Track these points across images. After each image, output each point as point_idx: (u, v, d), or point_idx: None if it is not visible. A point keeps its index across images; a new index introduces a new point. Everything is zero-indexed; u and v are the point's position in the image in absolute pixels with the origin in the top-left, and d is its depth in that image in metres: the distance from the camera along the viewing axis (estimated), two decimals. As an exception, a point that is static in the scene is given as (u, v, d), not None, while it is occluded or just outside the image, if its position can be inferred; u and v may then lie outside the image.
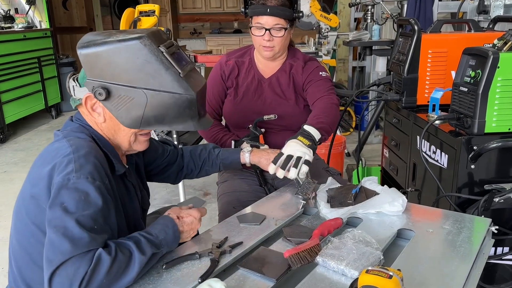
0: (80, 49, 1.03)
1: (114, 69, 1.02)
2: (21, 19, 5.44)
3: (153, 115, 1.05)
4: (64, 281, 0.89)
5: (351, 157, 3.91)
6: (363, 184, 1.44)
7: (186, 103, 1.05)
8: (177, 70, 1.04)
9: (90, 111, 1.09)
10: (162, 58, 1.03)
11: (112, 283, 0.93)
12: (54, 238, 0.92)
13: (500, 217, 1.63)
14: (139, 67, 1.01)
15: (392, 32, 4.38)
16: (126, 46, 1.01)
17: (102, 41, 1.02)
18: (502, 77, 1.55)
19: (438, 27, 2.11)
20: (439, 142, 1.81)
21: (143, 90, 1.02)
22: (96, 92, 1.03)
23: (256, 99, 1.78)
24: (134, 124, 1.07)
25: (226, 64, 1.81)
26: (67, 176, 0.97)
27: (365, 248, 1.04)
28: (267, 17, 1.63)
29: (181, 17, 9.13)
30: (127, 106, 1.04)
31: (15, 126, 5.17)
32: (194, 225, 1.16)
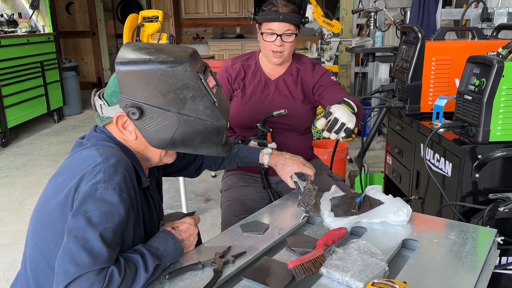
0: (119, 66, 1.02)
1: (151, 90, 1.01)
2: (25, 23, 5.47)
3: (181, 139, 1.06)
4: None
5: (354, 163, 3.90)
6: (367, 193, 1.43)
7: (215, 131, 1.07)
8: (213, 99, 1.05)
9: (121, 129, 1.09)
10: (200, 85, 1.03)
11: None
12: (73, 249, 0.91)
13: (504, 226, 1.62)
14: (177, 92, 1.02)
15: (395, 39, 4.38)
16: (168, 69, 1.01)
17: (143, 60, 1.01)
18: (506, 86, 1.55)
19: (441, 35, 2.11)
20: (443, 150, 1.80)
21: (177, 114, 1.03)
22: (129, 112, 1.02)
23: (264, 99, 1.81)
24: (161, 146, 1.08)
25: (232, 67, 1.83)
26: (95, 185, 0.96)
27: (370, 259, 1.02)
28: (279, 23, 1.67)
29: (184, 22, 9.16)
30: (157, 128, 1.04)
31: (17, 130, 5.17)
32: (191, 230, 1.15)
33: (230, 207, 1.69)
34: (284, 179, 1.50)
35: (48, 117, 5.78)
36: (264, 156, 1.52)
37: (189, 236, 1.14)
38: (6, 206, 3.18)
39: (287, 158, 1.51)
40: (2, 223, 2.92)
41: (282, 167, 1.49)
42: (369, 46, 3.83)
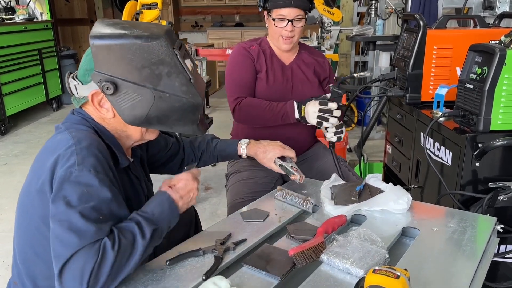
0: (93, 39, 1.00)
1: (126, 65, 1.00)
2: (22, 10, 5.41)
3: (156, 116, 1.05)
4: (75, 274, 0.89)
5: (353, 153, 3.90)
6: (367, 181, 1.43)
7: (191, 108, 1.06)
8: (188, 75, 1.04)
9: (97, 107, 1.07)
10: (176, 61, 1.02)
11: (119, 269, 0.92)
12: (60, 233, 0.91)
13: (503, 215, 1.62)
14: (152, 67, 1.00)
15: (396, 27, 4.34)
16: (143, 44, 1.00)
17: (118, 34, 1.00)
18: (508, 75, 1.54)
19: (443, 23, 2.09)
20: (443, 139, 1.80)
21: (152, 90, 1.02)
22: (104, 86, 1.01)
23: (286, 84, 1.84)
24: (135, 122, 1.06)
25: (251, 49, 1.84)
26: (69, 169, 0.95)
27: (370, 247, 1.03)
28: (290, 9, 1.71)
29: (183, 10, 9.08)
30: (132, 104, 1.03)
31: (16, 119, 5.15)
32: (190, 186, 1.12)
33: (236, 190, 1.70)
34: (268, 166, 1.52)
35: (46, 105, 5.76)
36: (241, 147, 1.53)
37: (188, 192, 1.11)
38: (5, 194, 3.19)
39: (266, 145, 1.52)
40: (1, 211, 2.93)
41: (263, 155, 1.50)
42: (369, 35, 3.80)
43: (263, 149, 1.51)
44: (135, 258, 0.95)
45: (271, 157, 1.50)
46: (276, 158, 1.50)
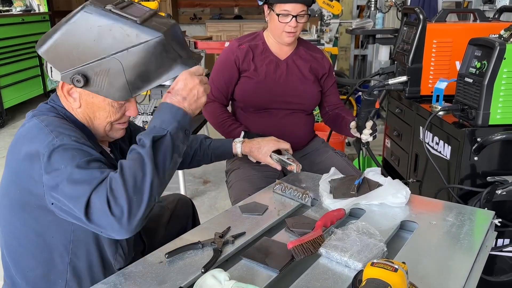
0: (38, 49, 1.01)
1: (77, 51, 0.98)
2: (19, 2, 5.37)
3: (136, 76, 1.00)
4: (98, 214, 0.90)
5: (352, 147, 3.90)
6: (366, 175, 1.43)
7: (159, 47, 0.99)
8: (132, 19, 0.98)
9: (66, 95, 1.06)
10: (113, 16, 0.97)
11: (136, 183, 0.92)
12: (68, 191, 0.92)
13: (501, 208, 1.63)
14: (97, 36, 0.97)
15: (396, 21, 4.33)
16: (74, 23, 0.98)
17: (53, 30, 1.00)
18: (508, 69, 1.54)
19: (443, 17, 2.08)
20: (442, 134, 1.80)
21: (112, 56, 0.97)
22: (74, 80, 0.99)
23: (278, 79, 1.82)
24: (125, 94, 1.02)
25: (239, 48, 1.82)
26: (50, 143, 0.96)
27: (368, 240, 1.03)
28: (294, 4, 1.69)
29: (181, 2, 9.01)
30: (109, 80, 0.99)
31: (14, 111, 5.13)
32: (191, 83, 1.02)
33: (242, 186, 1.70)
34: (264, 161, 1.53)
35: (44, 97, 5.72)
36: (237, 145, 1.54)
37: (191, 90, 1.02)
38: (4, 186, 3.19)
39: (260, 141, 1.54)
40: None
41: (258, 150, 1.52)
42: (369, 28, 3.79)
43: (257, 145, 1.52)
44: (147, 167, 0.93)
45: (266, 151, 1.51)
46: (272, 152, 1.50)
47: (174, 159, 0.99)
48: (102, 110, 1.06)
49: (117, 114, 1.07)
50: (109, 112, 1.06)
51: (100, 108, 1.05)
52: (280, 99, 1.81)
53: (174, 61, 1.02)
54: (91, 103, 1.05)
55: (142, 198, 0.91)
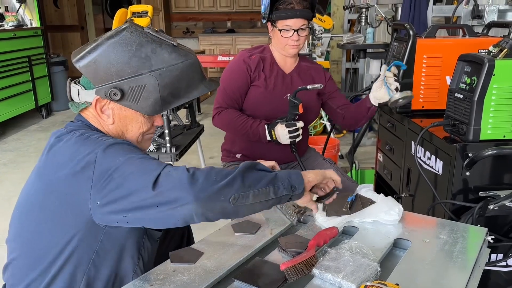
0: (77, 63, 1.05)
1: (115, 67, 1.04)
2: (11, 17, 5.36)
3: (169, 93, 1.07)
4: (171, 182, 0.92)
5: (345, 159, 3.91)
6: (359, 192, 1.43)
7: (191, 68, 1.10)
8: (170, 42, 1.08)
9: (99, 113, 1.09)
10: (152, 37, 1.07)
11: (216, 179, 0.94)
12: (132, 168, 0.95)
13: (494, 223, 1.63)
14: (136, 54, 1.04)
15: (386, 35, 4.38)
16: (116, 40, 1.04)
17: (93, 46, 1.05)
18: (497, 85, 1.55)
19: (433, 32, 2.10)
20: (434, 148, 1.81)
21: (150, 73, 1.05)
22: (111, 93, 1.04)
23: (285, 91, 1.89)
24: (156, 109, 1.08)
25: (250, 58, 1.88)
26: (100, 144, 0.99)
27: (362, 260, 1.02)
28: (296, 19, 1.78)
29: (174, 16, 9.07)
30: (143, 95, 1.06)
31: (5, 126, 5.09)
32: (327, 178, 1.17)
33: None
34: None
35: (36, 112, 5.70)
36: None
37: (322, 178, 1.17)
38: (-6, 203, 3.14)
39: None
40: (-11, 221, 2.87)
41: None
42: (360, 42, 3.83)
43: None
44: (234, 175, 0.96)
45: None
46: None
47: (267, 189, 0.99)
48: (134, 122, 1.11)
49: (148, 124, 1.14)
50: (141, 123, 1.12)
51: (133, 120, 1.11)
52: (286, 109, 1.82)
53: (200, 82, 1.13)
54: (124, 117, 1.10)
55: (218, 186, 0.93)
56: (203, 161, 3.55)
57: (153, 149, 2.81)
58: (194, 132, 3.27)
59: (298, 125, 1.75)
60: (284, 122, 1.75)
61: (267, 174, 1.01)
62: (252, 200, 0.97)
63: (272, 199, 1.00)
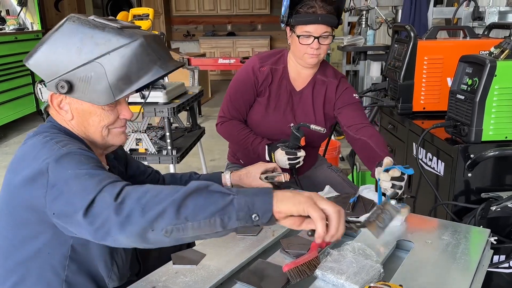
0: (26, 61, 1.04)
1: (61, 59, 1.01)
2: (12, 20, 5.38)
3: (118, 79, 1.01)
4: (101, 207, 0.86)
5: (345, 162, 3.90)
6: (361, 193, 1.43)
7: (139, 50, 1.01)
8: (113, 25, 1.02)
9: (57, 109, 1.07)
10: (95, 23, 1.02)
11: (148, 204, 0.84)
12: (75, 187, 0.90)
13: (496, 224, 1.63)
14: (80, 43, 1.00)
15: (386, 37, 4.39)
16: (59, 33, 1.02)
17: (39, 43, 1.04)
18: (499, 86, 1.55)
19: (434, 34, 2.11)
20: (435, 150, 1.81)
21: (95, 61, 1.00)
22: (58, 86, 1.01)
23: (288, 113, 1.76)
24: (108, 98, 1.03)
25: (260, 70, 1.73)
26: (54, 152, 0.96)
27: (364, 261, 1.02)
28: (317, 25, 1.59)
29: (175, 19, 9.09)
30: (92, 85, 1.01)
31: (6, 129, 5.09)
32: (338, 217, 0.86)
33: None
34: (255, 184, 1.48)
35: (37, 115, 5.70)
36: (225, 176, 1.50)
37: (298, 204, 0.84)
38: (-5, 206, 3.13)
39: (247, 167, 1.50)
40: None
41: (247, 175, 1.47)
42: (360, 45, 3.83)
43: (245, 171, 1.48)
44: (172, 197, 0.84)
45: (255, 174, 1.47)
46: (260, 174, 1.48)
47: (212, 221, 0.83)
48: (93, 115, 1.07)
49: (110, 116, 1.08)
50: (100, 115, 1.07)
51: (92, 114, 1.07)
52: (287, 132, 1.72)
53: (153, 63, 1.04)
54: (82, 110, 1.06)
55: (146, 217, 0.83)
56: (204, 164, 3.55)
57: (154, 151, 2.82)
58: (195, 135, 3.27)
59: (299, 154, 1.62)
60: (284, 149, 1.62)
61: (218, 200, 0.84)
62: (192, 233, 0.84)
63: (220, 232, 0.85)
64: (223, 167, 2.08)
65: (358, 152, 1.65)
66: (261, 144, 1.71)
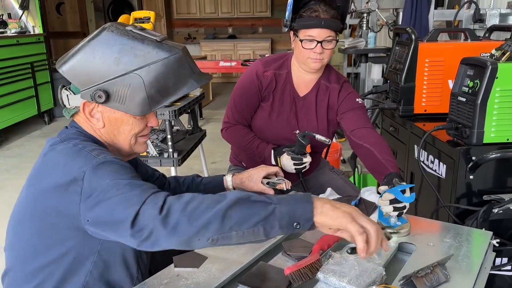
0: (60, 68, 1.04)
1: (99, 68, 1.01)
2: (14, 24, 5.40)
3: (156, 91, 1.04)
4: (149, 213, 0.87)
5: (347, 164, 3.90)
6: (362, 195, 1.43)
7: (177, 63, 1.04)
8: (152, 38, 1.04)
9: (88, 117, 1.07)
10: (134, 35, 1.03)
11: (195, 213, 0.87)
12: (116, 202, 0.90)
13: (498, 227, 1.62)
14: (118, 53, 1.01)
15: (387, 39, 4.39)
16: (97, 41, 1.02)
17: (75, 50, 1.04)
18: (500, 88, 1.55)
19: (435, 36, 2.11)
20: (437, 152, 1.81)
21: (134, 72, 1.01)
22: (95, 95, 1.02)
23: (291, 119, 1.75)
24: (145, 109, 1.05)
25: (263, 75, 1.72)
26: (90, 161, 0.96)
27: (367, 264, 1.02)
28: (320, 29, 1.57)
29: (176, 22, 9.12)
30: (129, 96, 1.03)
31: (7, 132, 5.10)
32: (377, 233, 0.87)
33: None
34: (257, 188, 1.49)
35: (38, 118, 5.72)
36: (227, 179, 1.51)
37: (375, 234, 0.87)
38: (-4, 209, 3.14)
39: (249, 171, 1.51)
40: (-8, 227, 2.87)
41: (249, 179, 1.48)
42: (361, 47, 3.83)
43: (247, 175, 1.49)
44: (218, 207, 0.86)
45: (257, 178, 1.48)
46: (262, 178, 1.48)
47: (255, 230, 0.86)
48: (125, 123, 1.08)
49: (140, 125, 1.10)
50: (132, 124, 1.09)
51: (124, 122, 1.08)
52: (290, 138, 1.72)
53: (189, 77, 1.07)
54: (114, 119, 1.07)
55: (194, 226, 0.86)
56: (205, 166, 3.55)
57: (156, 154, 2.82)
58: (196, 137, 3.28)
59: (305, 160, 1.61)
60: (290, 154, 1.61)
61: (261, 210, 0.86)
62: (236, 240, 0.87)
63: (263, 240, 0.88)
64: (225, 170, 2.08)
65: (363, 160, 1.62)
66: (267, 148, 1.71)
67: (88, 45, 1.02)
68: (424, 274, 0.99)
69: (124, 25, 1.06)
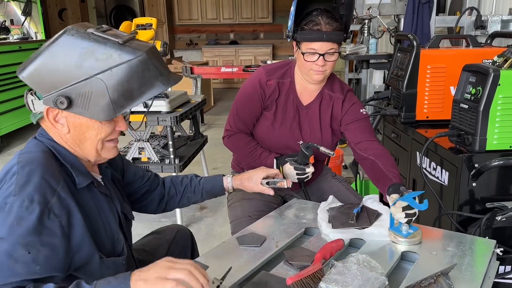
0: (20, 74, 1.01)
1: (60, 73, 0.98)
2: (17, 30, 5.43)
3: (120, 95, 1.00)
4: None
5: (349, 170, 3.89)
6: (364, 203, 1.42)
7: (141, 66, 1.00)
8: (114, 40, 1.00)
9: (53, 123, 1.05)
10: (95, 37, 0.99)
11: None
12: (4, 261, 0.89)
13: (501, 235, 1.61)
14: (79, 58, 0.98)
15: (389, 45, 4.39)
16: (57, 46, 0.98)
17: (35, 55, 1.01)
18: (503, 95, 1.55)
19: (436, 43, 2.11)
20: (439, 159, 1.80)
21: (96, 76, 0.98)
22: (57, 101, 0.99)
23: (295, 128, 1.73)
24: (109, 113, 1.01)
25: (267, 84, 1.69)
26: (5, 199, 0.94)
27: (369, 273, 1.01)
28: (322, 43, 1.55)
29: (177, 28, 9.15)
30: (92, 101, 0.99)
31: (9, 138, 5.11)
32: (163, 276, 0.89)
33: (242, 207, 1.67)
34: (257, 190, 1.49)
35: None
36: (227, 180, 1.50)
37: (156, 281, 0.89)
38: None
39: (249, 172, 1.51)
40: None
41: (249, 180, 1.48)
42: (363, 53, 3.83)
43: (247, 176, 1.49)
44: None
45: (257, 179, 1.48)
46: (262, 179, 1.48)
47: None
48: (91, 129, 1.05)
49: (107, 130, 1.07)
50: (98, 129, 1.05)
51: (89, 127, 1.05)
52: (293, 147, 1.70)
53: (155, 79, 1.03)
54: (79, 124, 1.04)
55: None
56: (206, 172, 3.55)
57: (157, 160, 2.81)
58: (198, 143, 3.28)
59: (308, 170, 1.58)
60: (293, 164, 1.58)
61: None
62: None
63: None
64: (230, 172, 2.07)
65: (367, 172, 1.62)
66: (270, 157, 1.69)
67: (48, 49, 0.99)
68: (427, 284, 0.98)
69: (86, 27, 1.02)
